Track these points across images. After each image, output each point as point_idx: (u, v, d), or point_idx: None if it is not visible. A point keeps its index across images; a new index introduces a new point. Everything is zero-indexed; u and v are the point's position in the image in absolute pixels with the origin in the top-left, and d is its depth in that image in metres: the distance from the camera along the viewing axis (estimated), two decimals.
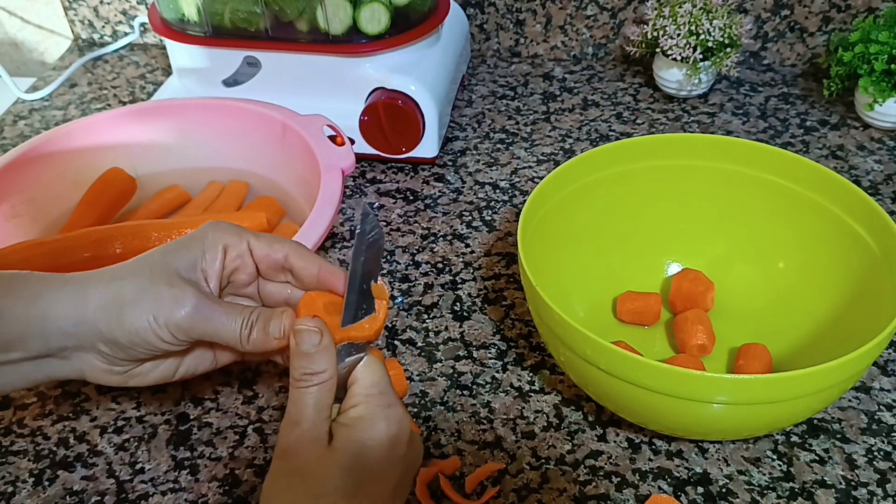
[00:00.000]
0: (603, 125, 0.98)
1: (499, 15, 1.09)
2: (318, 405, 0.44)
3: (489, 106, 1.02)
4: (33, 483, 0.62)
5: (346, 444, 0.43)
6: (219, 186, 0.84)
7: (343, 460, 0.43)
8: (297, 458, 0.43)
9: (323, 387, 0.44)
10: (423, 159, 0.91)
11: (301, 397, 0.44)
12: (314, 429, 0.44)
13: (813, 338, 0.67)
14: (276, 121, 0.80)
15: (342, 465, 0.43)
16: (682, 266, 0.75)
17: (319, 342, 0.45)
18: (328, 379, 0.45)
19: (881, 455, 0.62)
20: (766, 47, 1.06)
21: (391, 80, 0.86)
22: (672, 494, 0.59)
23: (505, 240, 0.82)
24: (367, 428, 0.44)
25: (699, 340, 0.67)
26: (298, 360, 0.45)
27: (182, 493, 0.61)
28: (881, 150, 0.92)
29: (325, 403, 0.45)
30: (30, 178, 0.77)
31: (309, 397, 0.44)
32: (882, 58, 0.89)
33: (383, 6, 0.84)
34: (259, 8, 0.85)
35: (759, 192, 0.71)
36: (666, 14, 0.96)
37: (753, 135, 0.95)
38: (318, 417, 0.44)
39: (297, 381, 0.45)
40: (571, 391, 0.67)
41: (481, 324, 0.73)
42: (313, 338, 0.45)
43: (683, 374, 0.52)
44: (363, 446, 0.43)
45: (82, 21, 1.18)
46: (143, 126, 0.83)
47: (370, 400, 0.45)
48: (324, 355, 0.45)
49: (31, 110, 1.06)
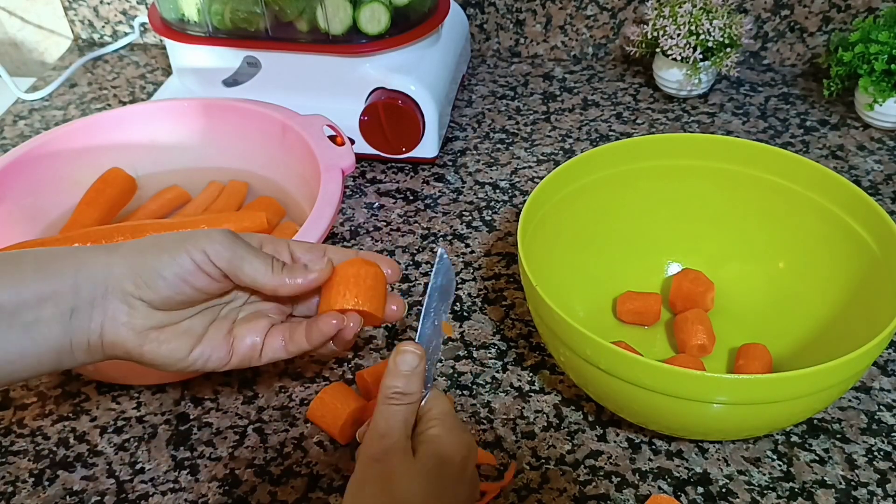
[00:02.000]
0: (603, 125, 0.98)
1: (499, 15, 1.09)
2: (406, 421, 0.48)
3: (489, 106, 1.03)
4: (33, 483, 0.62)
5: (428, 457, 0.47)
6: (219, 186, 0.84)
7: (426, 470, 0.46)
8: (386, 465, 0.46)
9: (411, 407, 0.48)
10: (423, 159, 0.91)
11: (392, 414, 0.48)
12: (402, 441, 0.47)
13: (813, 338, 0.67)
14: (276, 121, 0.80)
15: (425, 474, 0.46)
16: (682, 266, 0.75)
17: (418, 364, 0.49)
18: (416, 400, 0.49)
19: (881, 455, 0.62)
20: (766, 47, 1.06)
21: (391, 80, 0.86)
22: (672, 494, 0.59)
23: (505, 240, 0.82)
24: (447, 445, 0.48)
25: (699, 340, 0.67)
26: (394, 378, 0.48)
27: (182, 493, 0.61)
28: (881, 150, 0.92)
29: (411, 421, 0.49)
30: (30, 178, 0.77)
31: (399, 414, 0.48)
32: (882, 58, 0.89)
33: (383, 6, 0.84)
34: (259, 8, 0.85)
35: (759, 192, 0.71)
36: (666, 14, 0.96)
37: (753, 135, 0.95)
38: (405, 432, 0.48)
39: (388, 398, 0.48)
40: (571, 391, 0.67)
41: (481, 324, 0.73)
42: (413, 361, 0.49)
43: (683, 374, 0.52)
44: (442, 460, 0.47)
45: (82, 21, 1.18)
46: (143, 126, 0.83)
47: (446, 423, 0.49)
48: (417, 378, 0.49)
49: (31, 110, 1.06)
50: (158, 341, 0.49)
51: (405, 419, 0.48)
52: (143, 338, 0.48)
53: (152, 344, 0.49)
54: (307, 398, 0.67)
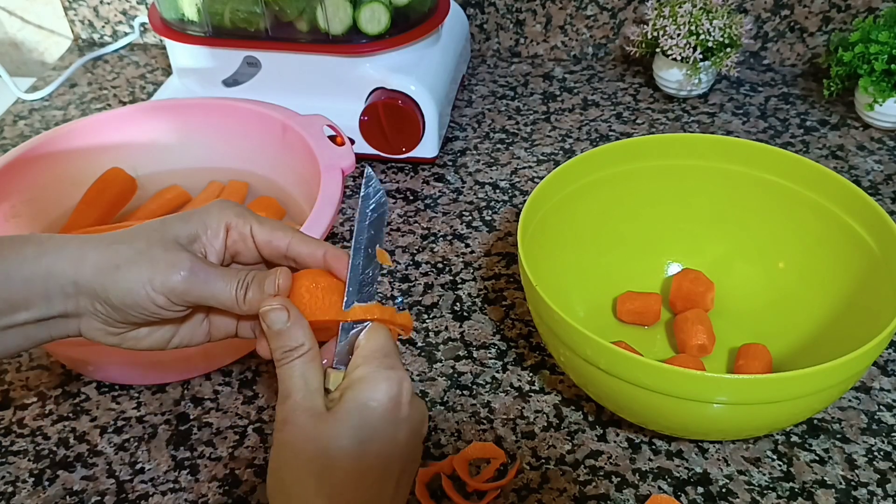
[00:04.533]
0: (603, 125, 0.98)
1: (499, 15, 1.09)
2: (304, 375, 0.45)
3: (489, 106, 1.03)
4: (33, 483, 0.62)
5: (346, 403, 0.43)
6: (219, 186, 0.84)
7: (345, 420, 0.43)
8: (294, 427, 0.43)
9: (305, 358, 0.45)
10: (423, 159, 0.91)
11: (286, 373, 0.45)
12: (307, 398, 0.44)
13: (813, 338, 0.67)
14: (276, 121, 0.80)
15: (345, 425, 0.43)
16: (682, 266, 0.75)
17: (288, 317, 0.45)
18: (308, 350, 0.45)
19: (881, 455, 0.62)
20: (766, 47, 1.06)
21: (391, 80, 0.86)
22: (672, 494, 0.59)
23: (505, 240, 0.82)
24: (368, 388, 0.44)
25: (699, 340, 0.67)
26: (274, 340, 0.46)
27: (182, 493, 0.61)
28: (881, 150, 0.92)
29: (312, 374, 0.45)
30: (30, 178, 0.77)
31: (294, 370, 0.45)
32: (882, 58, 0.89)
33: (383, 6, 0.84)
34: (259, 8, 0.85)
35: (759, 192, 0.71)
36: (666, 14, 0.96)
37: (753, 135, 0.95)
38: (307, 388, 0.45)
39: (279, 360, 0.46)
40: (571, 391, 0.67)
41: (481, 324, 0.73)
42: (280, 315, 0.45)
43: (683, 374, 0.52)
44: (364, 406, 0.43)
45: (82, 21, 1.18)
46: (143, 126, 0.83)
47: (371, 362, 0.45)
48: (296, 329, 0.45)
49: (31, 110, 1.06)
50: (136, 339, 0.49)
51: (302, 373, 0.45)
52: (121, 338, 0.49)
53: (131, 342, 0.49)
54: None
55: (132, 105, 0.85)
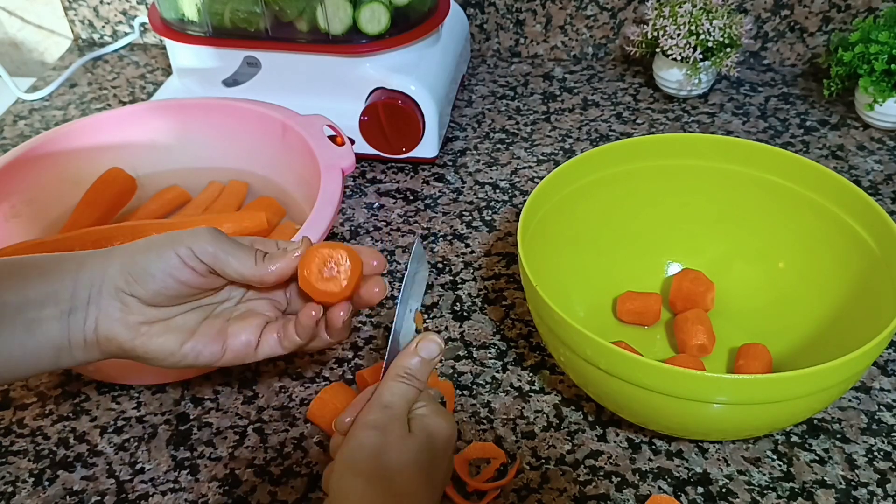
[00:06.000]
0: (603, 125, 0.98)
1: (499, 15, 1.09)
2: (408, 400, 0.51)
3: (489, 106, 1.03)
4: (33, 483, 0.62)
5: (420, 431, 0.50)
6: (219, 186, 0.84)
7: (418, 443, 0.49)
8: (385, 434, 0.49)
9: (414, 389, 0.51)
10: (423, 159, 0.91)
11: (399, 388, 0.51)
12: (403, 415, 0.50)
13: (813, 338, 0.67)
14: (276, 121, 0.80)
15: (417, 447, 0.49)
16: (682, 266, 0.75)
17: (434, 357, 0.52)
18: (420, 386, 0.52)
19: (881, 455, 0.62)
20: (766, 47, 1.06)
21: (391, 80, 0.86)
22: (672, 494, 0.59)
23: (505, 240, 0.82)
24: (436, 423, 0.51)
25: (699, 340, 0.67)
26: (409, 359, 0.52)
27: (182, 493, 0.61)
28: (881, 150, 0.92)
29: (412, 402, 0.51)
30: (30, 178, 0.77)
31: (406, 390, 0.51)
32: (882, 58, 0.89)
33: (383, 6, 0.84)
34: (259, 8, 0.85)
35: (759, 192, 0.71)
36: (666, 14, 0.96)
37: (753, 135, 0.95)
38: (406, 407, 0.51)
39: (399, 375, 0.51)
40: (571, 391, 0.67)
41: (481, 324, 0.73)
42: (435, 350, 0.52)
43: (683, 374, 0.52)
44: (432, 435, 0.50)
45: (82, 21, 1.18)
46: (143, 126, 0.83)
47: (431, 406, 0.52)
48: (429, 368, 0.52)
49: (31, 110, 1.06)
50: (149, 335, 0.51)
51: (408, 397, 0.51)
52: (135, 332, 0.50)
53: (143, 338, 0.50)
54: (307, 398, 0.67)
55: (132, 105, 0.85)
